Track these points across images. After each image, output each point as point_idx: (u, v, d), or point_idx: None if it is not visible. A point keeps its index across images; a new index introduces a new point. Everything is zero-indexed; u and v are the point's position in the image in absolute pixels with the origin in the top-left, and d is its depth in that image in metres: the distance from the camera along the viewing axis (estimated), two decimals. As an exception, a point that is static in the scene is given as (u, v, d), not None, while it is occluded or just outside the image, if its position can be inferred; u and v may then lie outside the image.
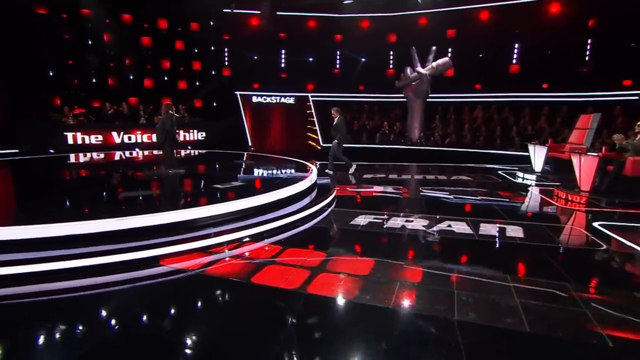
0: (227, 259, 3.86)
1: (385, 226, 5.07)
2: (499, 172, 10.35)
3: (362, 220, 5.34)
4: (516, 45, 15.25)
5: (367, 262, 3.75)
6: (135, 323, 2.69)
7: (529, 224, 5.25)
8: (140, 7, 14.48)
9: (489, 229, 4.96)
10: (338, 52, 17.65)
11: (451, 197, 7.11)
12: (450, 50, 15.83)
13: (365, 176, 9.37)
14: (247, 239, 4.40)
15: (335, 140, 8.83)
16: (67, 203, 5.11)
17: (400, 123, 15.85)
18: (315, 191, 6.89)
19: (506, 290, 3.16)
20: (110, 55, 14.11)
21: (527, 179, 9.24)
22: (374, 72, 17.04)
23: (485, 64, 15.51)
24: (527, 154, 10.70)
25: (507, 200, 6.92)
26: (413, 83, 14.98)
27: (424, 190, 7.74)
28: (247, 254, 4.02)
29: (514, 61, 15.34)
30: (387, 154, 13.94)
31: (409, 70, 15.07)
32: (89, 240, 3.64)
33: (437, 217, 5.55)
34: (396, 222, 5.27)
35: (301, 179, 6.54)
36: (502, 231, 4.87)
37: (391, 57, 17.48)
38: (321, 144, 15.93)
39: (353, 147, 14.85)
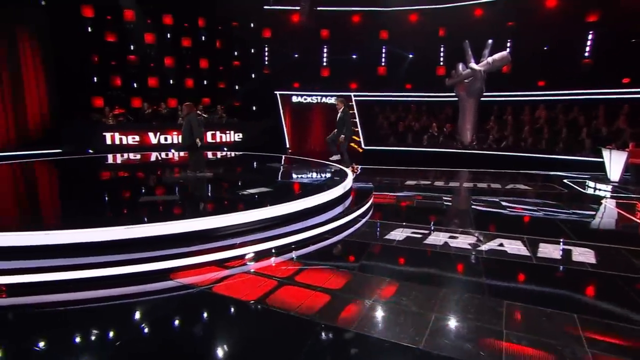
0: (239, 275, 3.62)
1: (424, 242, 4.60)
2: (565, 180, 9.36)
3: (398, 234, 4.91)
4: (589, 36, 13.88)
5: (399, 287, 3.34)
6: (119, 349, 2.50)
7: (602, 246, 4.53)
8: (181, 6, 14.92)
9: (551, 250, 4.33)
10: (384, 49, 17.13)
11: (505, 209, 6.44)
12: (509, 43, 14.76)
13: (407, 182, 8.85)
14: (265, 253, 4.14)
15: (342, 135, 8.42)
16: (80, 207, 5.10)
17: (450, 124, 15.06)
18: (350, 198, 6.53)
19: (572, 335, 2.61)
20: (151, 56, 14.64)
21: (600, 190, 8.24)
22: (422, 69, 16.33)
23: (551, 57, 14.27)
24: (600, 160, 9.59)
25: (575, 215, 6.14)
26: (465, 80, 14.16)
27: (473, 201, 7.11)
28: (263, 270, 3.75)
29: (586, 54, 13.98)
30: (435, 157, 13.24)
31: (461, 66, 14.26)
32: (92, 249, 3.54)
33: (488, 233, 4.98)
34: (438, 237, 4.78)
35: (334, 185, 6.20)
36: (567, 254, 4.23)
37: (441, 53, 16.67)
38: (363, 146, 15.52)
39: (396, 150, 14.41)
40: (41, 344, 2.50)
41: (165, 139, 12.86)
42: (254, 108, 16.84)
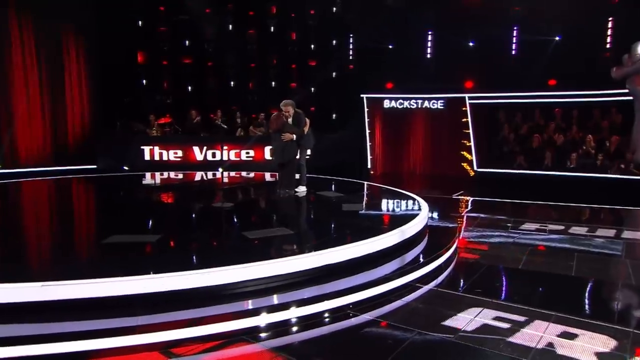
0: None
1: (509, 340, 3.40)
2: None
3: (470, 317, 3.80)
4: None
5: None
6: None
7: None
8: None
9: None
10: (515, 31, 15.65)
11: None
12: None
13: (525, 226, 7.38)
14: (233, 335, 3.43)
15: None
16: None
17: (618, 137, 12.89)
18: (423, 246, 5.69)
19: None
20: (209, 52, 15.33)
21: None
22: (574, 56, 14.40)
23: None
24: None
25: None
26: (648, 69, 11.99)
27: (634, 268, 5.47)
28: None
29: None
30: (588, 187, 11.41)
31: (640, 48, 12.14)
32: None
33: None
34: (538, 332, 3.53)
35: (384, 230, 5.35)
36: None
37: (608, 30, 14.59)
38: (476, 168, 14.10)
39: (526, 174, 12.88)
40: None
41: (213, 155, 13.07)
42: (334, 111, 16.61)
